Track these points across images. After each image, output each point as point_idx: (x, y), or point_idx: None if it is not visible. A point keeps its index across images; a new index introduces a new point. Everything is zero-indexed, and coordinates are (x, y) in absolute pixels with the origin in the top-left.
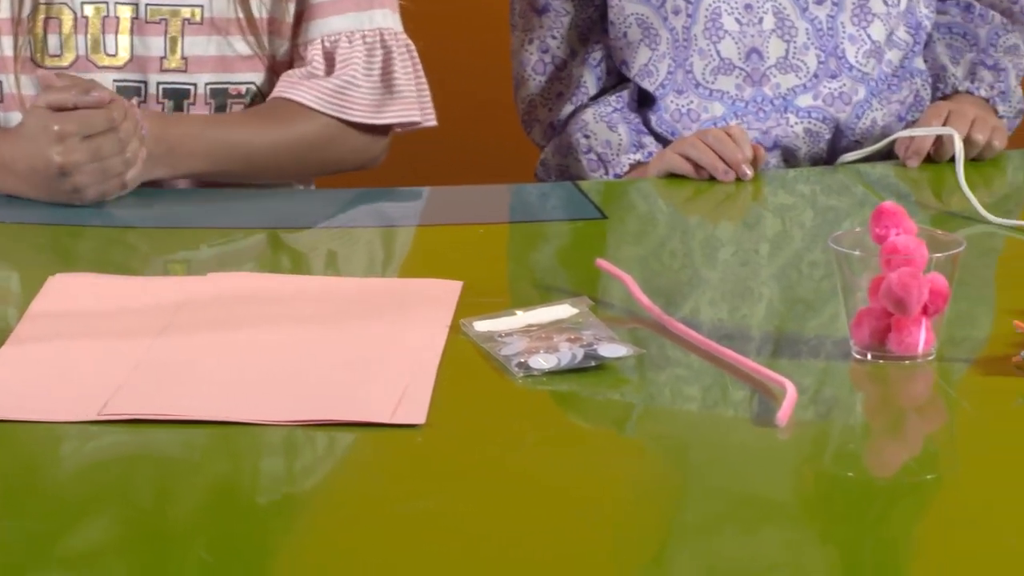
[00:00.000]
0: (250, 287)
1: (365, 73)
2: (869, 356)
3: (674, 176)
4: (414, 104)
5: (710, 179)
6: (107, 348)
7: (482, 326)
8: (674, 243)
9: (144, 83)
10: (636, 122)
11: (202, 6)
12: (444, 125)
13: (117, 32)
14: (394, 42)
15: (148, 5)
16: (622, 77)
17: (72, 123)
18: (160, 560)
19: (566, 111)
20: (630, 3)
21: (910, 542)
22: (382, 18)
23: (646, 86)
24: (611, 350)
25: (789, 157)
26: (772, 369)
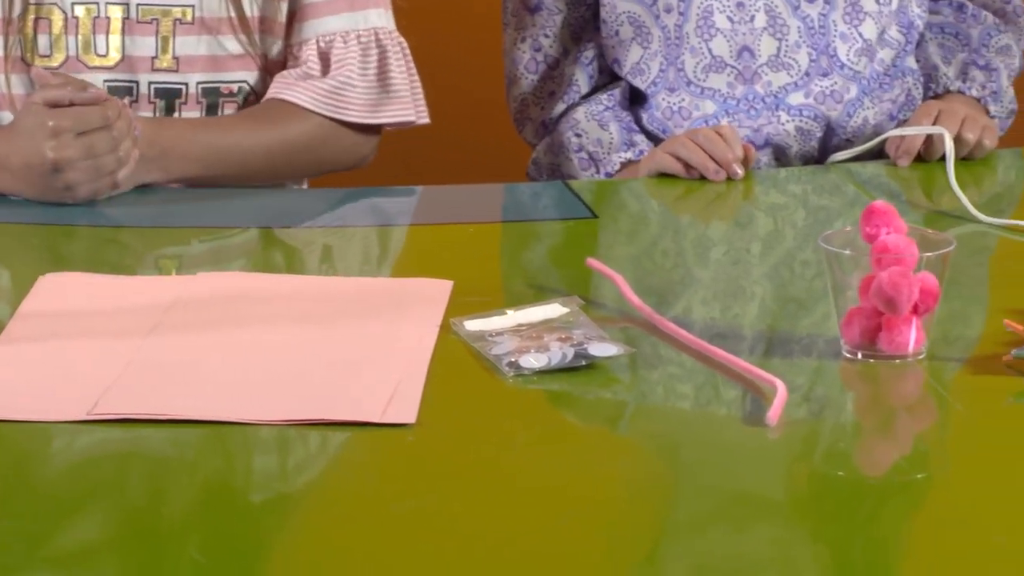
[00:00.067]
0: (240, 287)
1: (361, 73)
2: (860, 355)
3: (665, 176)
4: (408, 103)
5: (701, 179)
6: (97, 348)
7: (473, 325)
8: (666, 242)
9: (135, 83)
10: (627, 120)
11: (193, 5)
12: (437, 123)
13: (108, 32)
14: (388, 41)
15: (139, 5)
16: (614, 76)
17: (67, 119)
18: (152, 559)
19: (558, 110)
20: (622, 1)
21: (900, 540)
22: (376, 18)
23: (638, 84)
24: (601, 349)
25: (780, 155)
26: (764, 368)
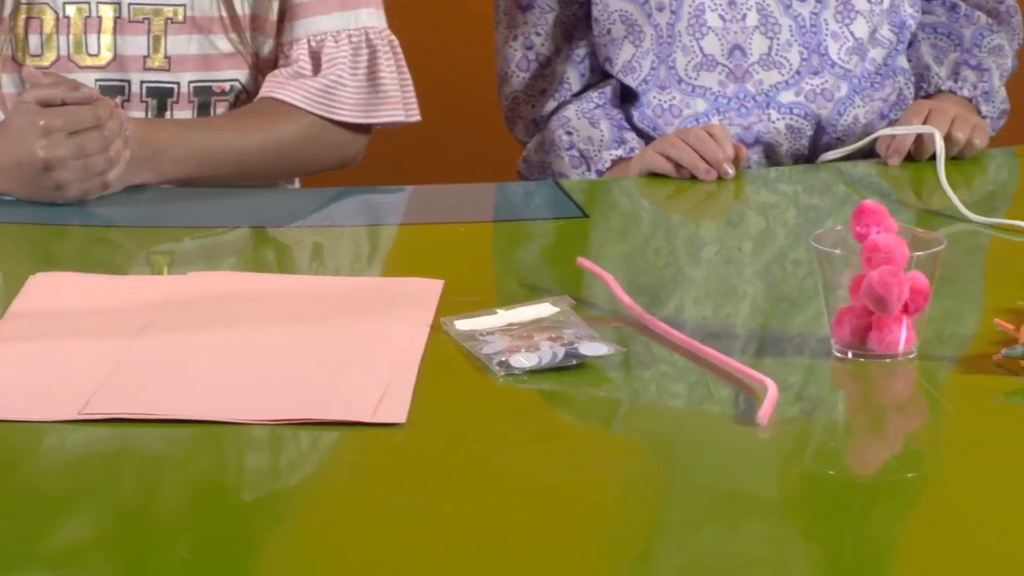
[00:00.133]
0: (231, 286)
1: (351, 73)
2: (850, 354)
3: (656, 175)
4: (398, 104)
5: (692, 178)
6: (88, 347)
7: (463, 325)
8: (657, 242)
9: (127, 82)
10: (618, 118)
11: (184, 5)
12: (428, 121)
13: (99, 32)
14: (379, 40)
15: (130, 4)
16: (606, 74)
17: (59, 118)
18: (143, 557)
19: (549, 108)
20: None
21: (891, 539)
22: (367, 17)
23: (629, 82)
24: (592, 349)
25: (771, 153)
26: (755, 367)
